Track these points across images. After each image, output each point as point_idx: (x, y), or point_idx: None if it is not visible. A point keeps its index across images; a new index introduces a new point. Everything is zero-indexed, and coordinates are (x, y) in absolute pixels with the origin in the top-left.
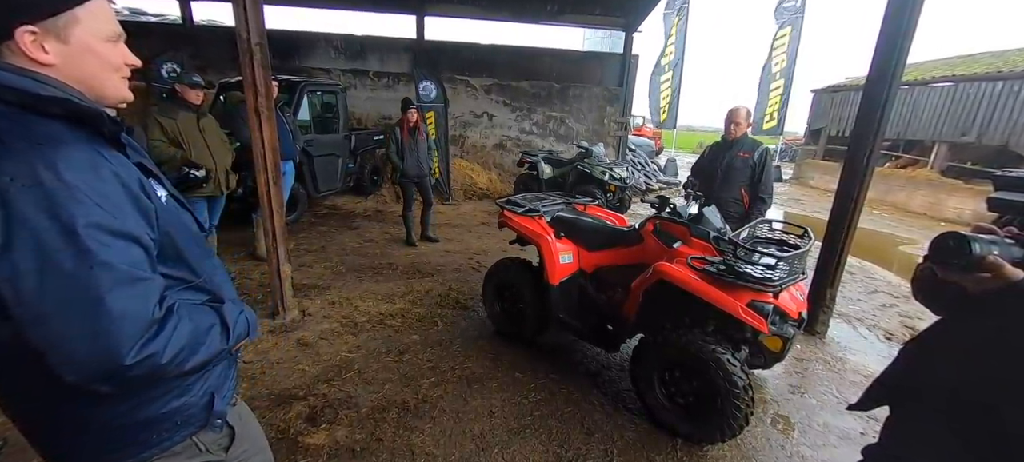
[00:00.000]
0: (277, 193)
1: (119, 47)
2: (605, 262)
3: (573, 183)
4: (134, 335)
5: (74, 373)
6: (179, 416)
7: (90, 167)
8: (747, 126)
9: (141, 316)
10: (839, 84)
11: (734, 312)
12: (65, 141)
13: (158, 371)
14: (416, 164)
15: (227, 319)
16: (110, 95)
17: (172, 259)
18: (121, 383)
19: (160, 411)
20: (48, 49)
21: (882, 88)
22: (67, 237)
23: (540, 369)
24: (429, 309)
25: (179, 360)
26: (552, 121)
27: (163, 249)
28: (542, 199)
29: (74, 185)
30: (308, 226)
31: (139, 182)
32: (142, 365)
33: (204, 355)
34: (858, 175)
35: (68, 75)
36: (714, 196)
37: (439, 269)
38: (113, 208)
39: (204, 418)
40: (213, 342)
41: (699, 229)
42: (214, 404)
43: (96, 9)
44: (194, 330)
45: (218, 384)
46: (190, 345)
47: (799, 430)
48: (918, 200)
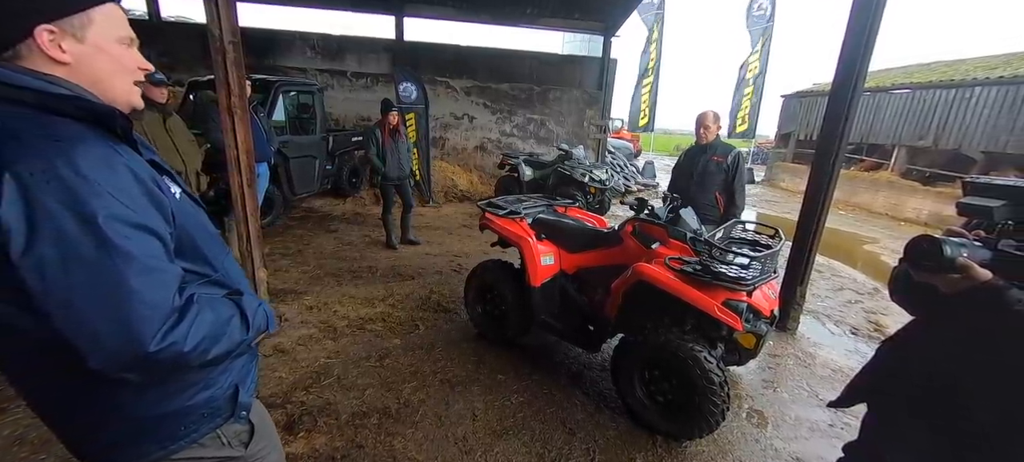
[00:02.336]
0: (251, 196)
1: (131, 51)
2: (586, 263)
3: (554, 185)
4: (156, 322)
5: (99, 359)
6: (206, 408)
7: (106, 163)
8: (717, 129)
9: (162, 304)
10: (807, 90)
11: (710, 311)
12: (82, 138)
13: (182, 359)
14: (397, 166)
15: (247, 311)
16: (120, 98)
17: (190, 254)
18: (146, 370)
19: (187, 403)
20: (65, 48)
21: (846, 95)
22: (88, 228)
23: (523, 371)
24: (410, 313)
25: (202, 349)
26: (532, 123)
27: (181, 244)
28: (523, 201)
29: (93, 179)
30: (284, 229)
31: (152, 178)
32: (165, 352)
33: (226, 345)
34: (825, 178)
35: (80, 75)
36: (689, 200)
37: (420, 272)
38: (130, 201)
39: (230, 410)
40: (234, 333)
41: (676, 230)
42: (239, 396)
43: (110, 11)
44: (215, 320)
45: (242, 377)
46: (212, 334)
47: (772, 424)
48: (880, 201)
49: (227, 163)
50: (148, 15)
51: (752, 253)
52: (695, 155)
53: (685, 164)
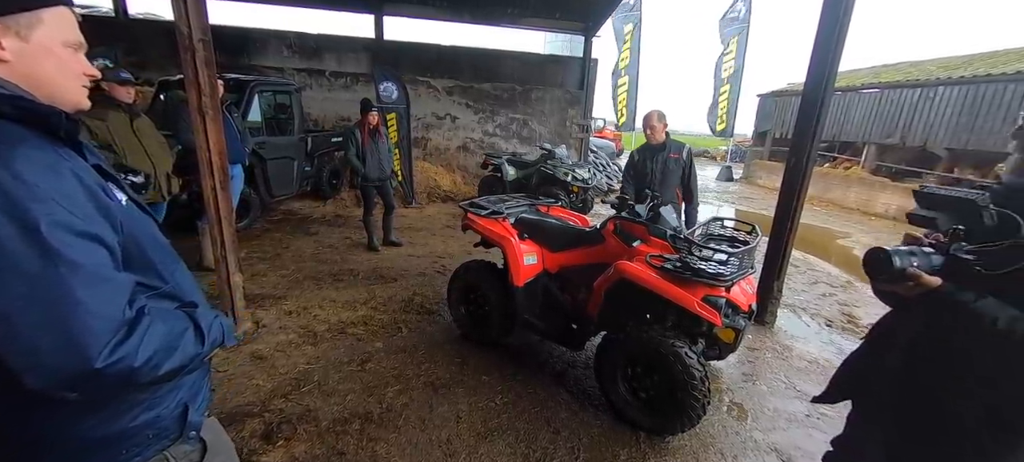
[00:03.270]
0: (225, 198)
1: (78, 56)
2: (568, 262)
3: (537, 184)
4: (104, 336)
5: (39, 378)
6: (151, 429)
7: (49, 167)
8: (663, 128)
9: (111, 316)
10: (782, 89)
11: (690, 306)
12: (22, 140)
13: (131, 375)
14: (377, 167)
15: (201, 324)
16: (67, 99)
17: (139, 265)
18: (90, 388)
19: (130, 424)
20: (4, 45)
21: (817, 95)
22: (30, 237)
23: (507, 371)
24: (393, 315)
25: (153, 363)
26: (515, 123)
27: (129, 255)
28: (506, 201)
29: (34, 184)
30: (262, 233)
31: (99, 184)
32: (114, 368)
33: (179, 359)
34: (799, 175)
35: (20, 75)
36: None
37: (403, 274)
38: (75, 208)
39: (178, 430)
40: (187, 346)
41: (656, 228)
42: (189, 415)
43: (61, 14)
44: (168, 333)
45: (192, 394)
46: (164, 348)
47: (752, 416)
48: (852, 197)
49: (199, 164)
50: (114, 12)
51: (730, 249)
52: (652, 154)
53: (641, 163)
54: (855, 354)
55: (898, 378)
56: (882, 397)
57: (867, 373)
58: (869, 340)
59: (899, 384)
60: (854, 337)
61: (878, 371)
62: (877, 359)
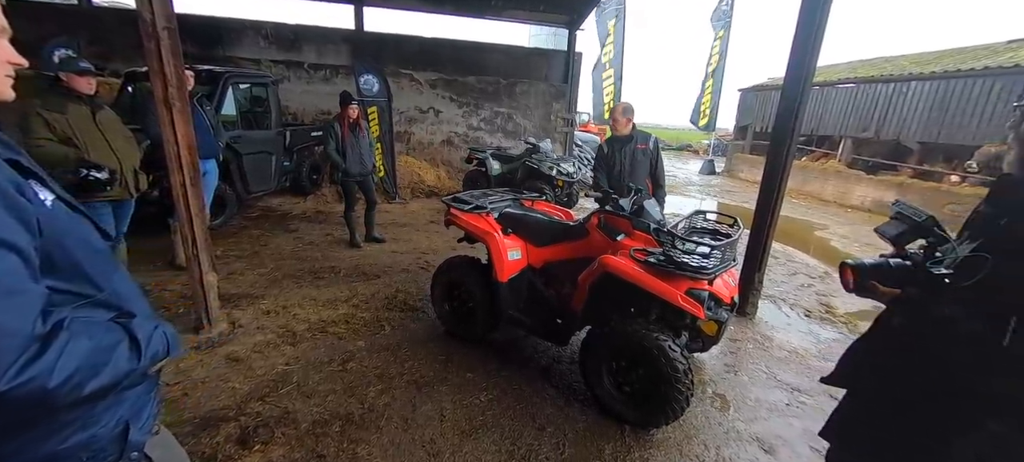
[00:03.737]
0: (196, 194)
1: (2, 43)
2: (553, 257)
3: (522, 179)
4: (11, 353)
5: None
6: (85, 452)
7: None
8: (627, 121)
9: (18, 332)
10: (763, 84)
11: (673, 300)
12: None
13: (45, 397)
14: (358, 162)
15: (138, 336)
16: None
17: (66, 271)
18: None
19: (60, 447)
20: None
21: (797, 89)
22: None
23: (491, 367)
24: (375, 313)
25: (74, 383)
26: (500, 117)
27: (52, 260)
28: (489, 195)
29: None
30: (239, 230)
31: (13, 182)
32: (22, 390)
33: (109, 377)
34: (779, 169)
35: None
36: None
37: (386, 270)
38: None
39: (117, 452)
40: (119, 362)
41: (640, 221)
42: (129, 434)
43: None
44: (93, 348)
45: (134, 411)
46: (89, 365)
47: (734, 406)
48: (829, 189)
49: (167, 159)
50: (78, 0)
51: (712, 243)
52: (620, 146)
53: (610, 155)
54: (853, 346)
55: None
56: (868, 392)
57: (858, 367)
58: (863, 339)
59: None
60: (832, 326)
61: (866, 367)
62: (866, 354)
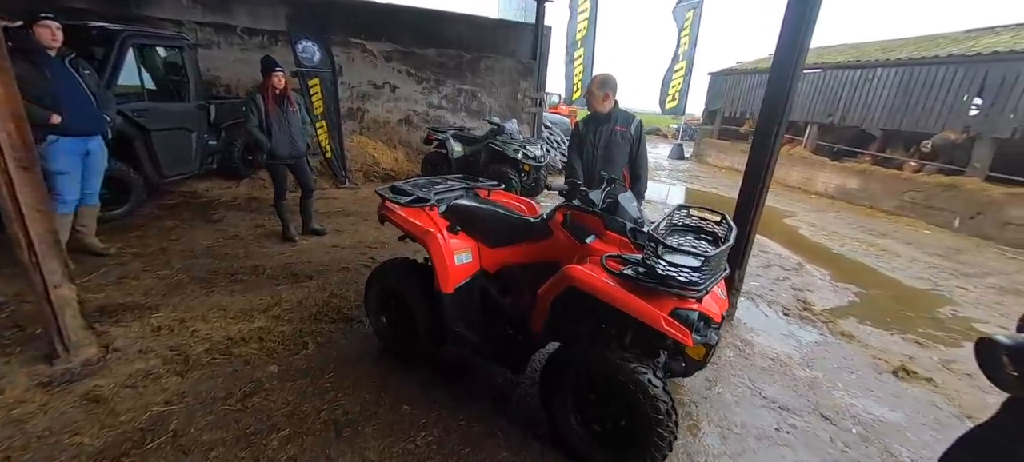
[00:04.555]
0: (30, 181)
1: None
2: (510, 260)
3: (486, 162)
4: None
5: None
6: None
7: None
8: (605, 97)
9: None
10: (732, 68)
11: (655, 324)
12: None
13: None
14: (288, 142)
15: None
16: None
17: None
18: None
19: None
20: None
21: (786, 76)
22: None
23: (435, 395)
24: (299, 325)
25: None
26: (463, 95)
27: None
28: (437, 184)
29: None
30: (148, 221)
31: None
32: None
33: None
34: (765, 159)
35: None
36: (595, 177)
37: (322, 270)
38: None
39: None
40: None
41: (614, 220)
42: None
43: None
44: None
45: None
46: None
47: (719, 436)
48: (795, 176)
49: None
50: None
51: (707, 252)
52: (595, 125)
53: (584, 136)
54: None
55: None
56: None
57: None
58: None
59: None
60: (812, 326)
61: None
62: None
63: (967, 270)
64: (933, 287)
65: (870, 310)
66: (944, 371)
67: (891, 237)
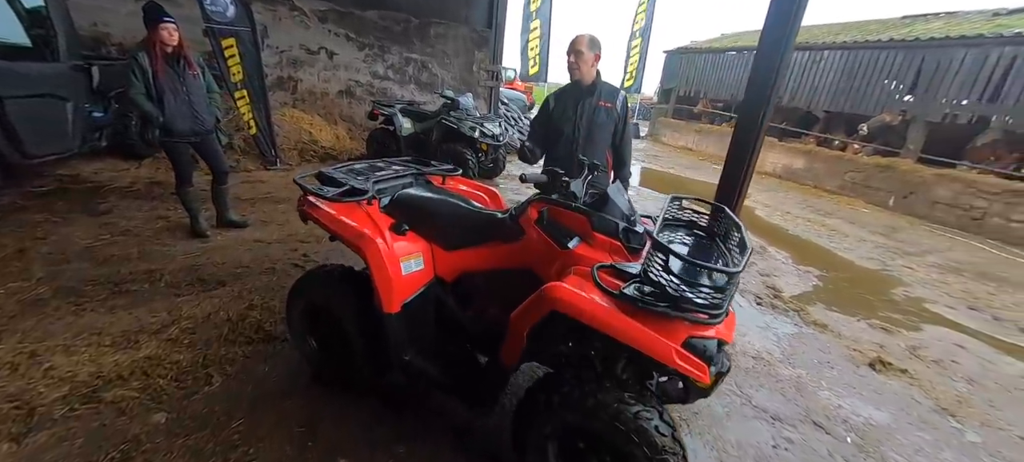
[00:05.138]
0: None
1: None
2: (472, 265)
3: (438, 140)
4: None
5: None
6: None
7: None
8: (595, 61)
9: None
10: (687, 46)
11: (667, 360)
12: None
13: None
14: (187, 114)
15: None
16: None
17: None
18: None
19: None
20: None
21: (775, 53)
22: None
23: (376, 436)
24: (202, 351)
25: None
26: (412, 65)
27: None
28: (379, 169)
29: None
30: (4, 214)
31: None
32: None
33: None
34: (750, 141)
35: None
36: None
37: (240, 273)
38: None
39: None
40: None
41: (603, 219)
42: None
43: None
44: None
45: None
46: None
47: (716, 460)
48: None
49: None
50: None
51: (730, 267)
52: (575, 99)
53: (560, 112)
54: None
55: None
56: None
57: None
58: None
59: None
60: (784, 316)
61: None
62: None
63: (908, 249)
64: (883, 267)
65: (834, 295)
66: (914, 359)
67: (837, 216)
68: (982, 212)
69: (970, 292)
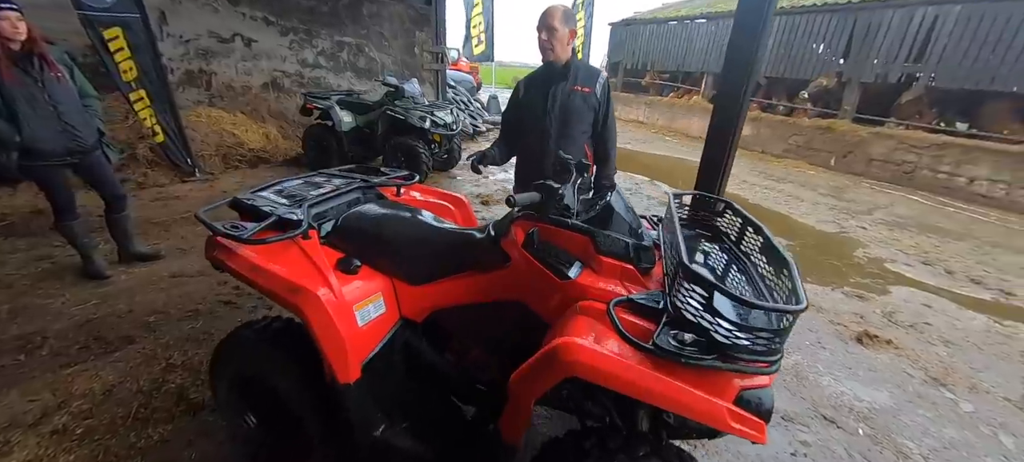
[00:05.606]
0: None
1: None
2: (445, 301)
3: (385, 134)
4: None
5: None
6: None
7: None
8: (572, 38)
9: None
10: (631, 18)
11: (720, 426)
12: None
13: None
14: (53, 130)
15: None
16: None
17: None
18: None
19: None
20: None
21: (756, 21)
22: None
23: None
24: (101, 443)
25: None
26: (346, 49)
27: None
28: (316, 185)
29: None
30: None
31: None
32: None
33: None
34: (733, 117)
35: None
36: (546, 158)
37: (153, 323)
38: None
39: None
40: None
41: (610, 239)
42: None
43: None
44: None
45: None
46: None
47: None
48: (696, 126)
49: None
50: None
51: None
52: (547, 84)
53: (529, 100)
54: None
55: None
56: None
57: None
58: None
59: None
60: None
61: None
62: None
63: (856, 208)
64: (840, 230)
65: (805, 264)
66: (892, 326)
67: (788, 181)
68: (913, 166)
69: (919, 246)
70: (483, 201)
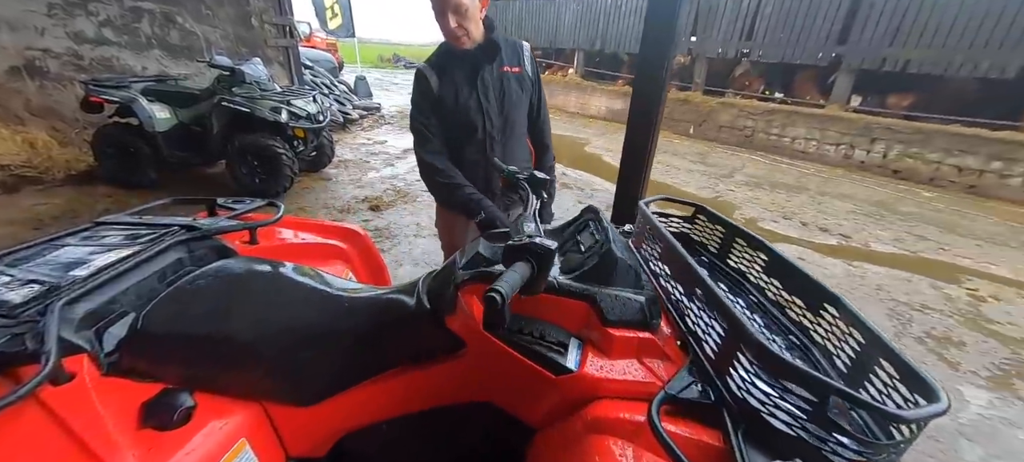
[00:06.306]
0: None
1: None
2: (361, 419)
3: (223, 133)
4: None
5: None
6: None
7: None
8: (484, 6)
9: None
10: None
11: None
12: None
13: None
14: None
15: None
16: None
17: None
18: None
19: None
20: None
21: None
22: None
23: None
24: None
25: None
26: (146, 18)
27: None
28: (67, 246)
29: None
30: None
31: None
32: None
33: None
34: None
35: None
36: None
37: None
38: None
39: None
40: None
41: (618, 301)
42: None
43: None
44: None
45: None
46: None
47: None
48: (572, 102)
49: None
50: None
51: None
52: (469, 70)
53: (451, 92)
54: None
55: None
56: None
57: None
58: None
59: None
60: None
61: None
62: None
63: (720, 172)
64: (717, 195)
65: None
66: None
67: (662, 151)
68: (751, 130)
69: (776, 203)
70: (372, 207)
